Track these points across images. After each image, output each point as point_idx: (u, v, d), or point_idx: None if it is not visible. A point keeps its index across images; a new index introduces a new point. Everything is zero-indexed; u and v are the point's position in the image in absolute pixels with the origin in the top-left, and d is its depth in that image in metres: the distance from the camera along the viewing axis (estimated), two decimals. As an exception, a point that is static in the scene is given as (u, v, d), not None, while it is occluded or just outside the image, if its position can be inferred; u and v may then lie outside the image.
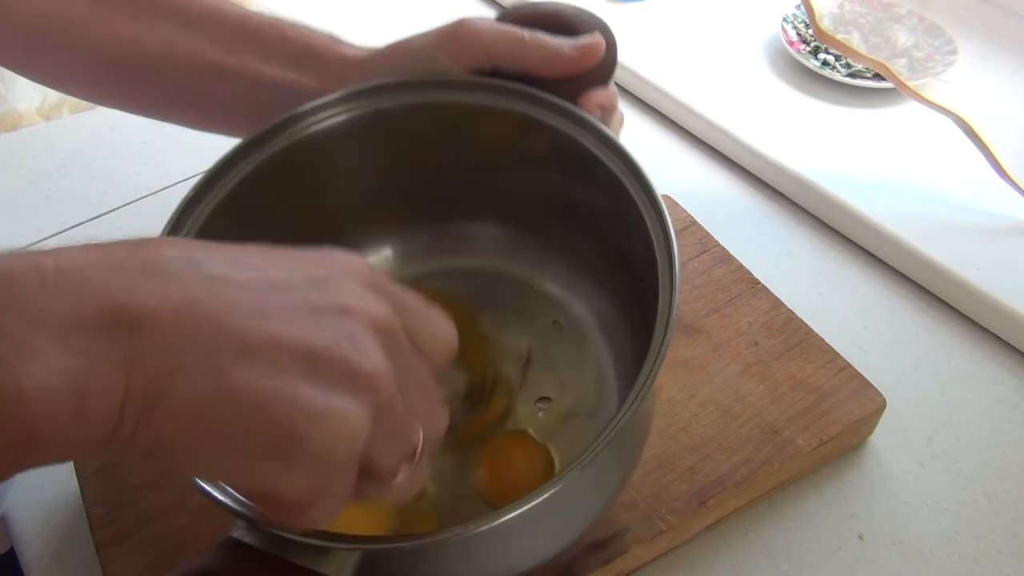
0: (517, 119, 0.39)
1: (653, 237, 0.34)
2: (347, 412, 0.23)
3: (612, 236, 0.39)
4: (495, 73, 0.39)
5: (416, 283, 0.39)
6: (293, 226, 0.37)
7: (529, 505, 0.28)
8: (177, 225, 0.35)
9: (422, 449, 0.26)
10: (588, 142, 0.38)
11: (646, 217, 0.35)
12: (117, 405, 0.22)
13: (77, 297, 0.22)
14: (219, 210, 0.36)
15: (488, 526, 0.27)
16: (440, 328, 0.28)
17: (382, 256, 0.46)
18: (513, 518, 0.28)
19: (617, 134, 0.40)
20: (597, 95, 0.39)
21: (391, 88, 0.39)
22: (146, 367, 0.22)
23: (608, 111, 0.39)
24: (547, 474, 0.40)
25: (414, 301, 0.27)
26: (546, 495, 0.28)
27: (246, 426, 0.22)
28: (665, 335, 0.31)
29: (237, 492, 0.28)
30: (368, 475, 0.25)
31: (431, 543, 0.29)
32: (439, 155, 0.42)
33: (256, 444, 0.23)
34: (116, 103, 0.46)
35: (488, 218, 0.46)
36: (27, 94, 0.69)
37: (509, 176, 0.43)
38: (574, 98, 0.38)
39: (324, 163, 0.40)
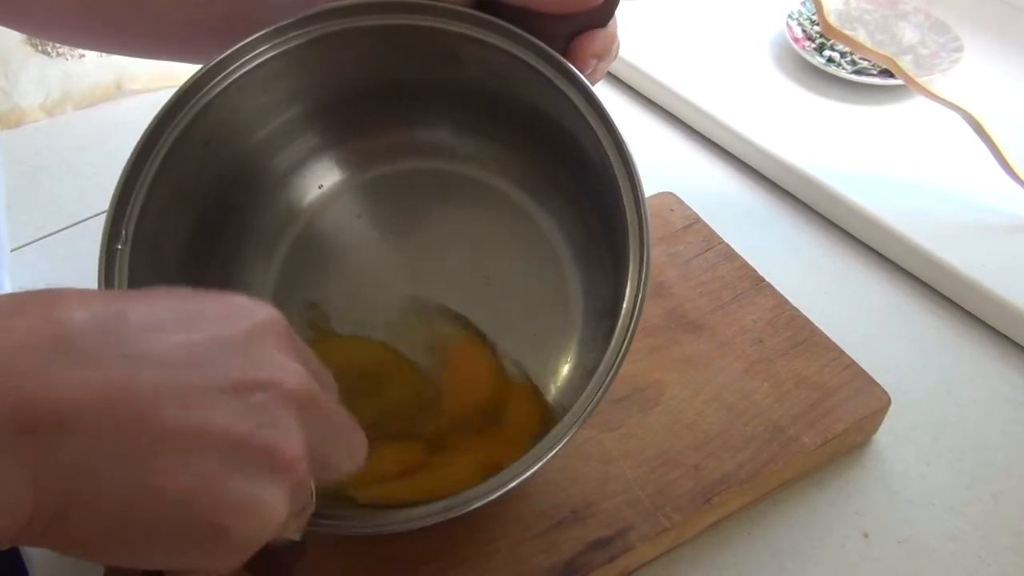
0: (497, 54, 0.37)
1: (626, 205, 0.35)
2: (271, 501, 0.23)
3: (587, 183, 0.39)
4: (488, 2, 0.37)
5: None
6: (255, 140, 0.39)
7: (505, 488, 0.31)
8: (140, 157, 0.35)
9: (312, 498, 0.26)
10: (572, 95, 0.36)
11: (619, 179, 0.35)
12: (26, 516, 0.20)
13: None
14: (183, 137, 0.36)
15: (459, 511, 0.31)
16: (325, 370, 0.28)
17: (333, 162, 0.45)
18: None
19: (606, 68, 0.38)
20: (595, 42, 0.36)
21: (364, 9, 0.38)
22: (60, 471, 0.20)
23: (603, 58, 0.37)
24: None
25: (304, 346, 0.27)
26: (518, 480, 0.31)
27: (169, 524, 0.22)
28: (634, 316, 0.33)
29: None
30: None
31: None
32: (399, 73, 0.41)
33: (179, 539, 0.22)
34: (104, 45, 0.45)
35: (454, 129, 0.44)
36: (30, 90, 0.69)
37: (484, 100, 0.42)
38: (570, 38, 0.37)
39: (290, 80, 0.39)
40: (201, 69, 0.36)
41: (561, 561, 0.39)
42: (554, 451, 0.32)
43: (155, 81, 0.71)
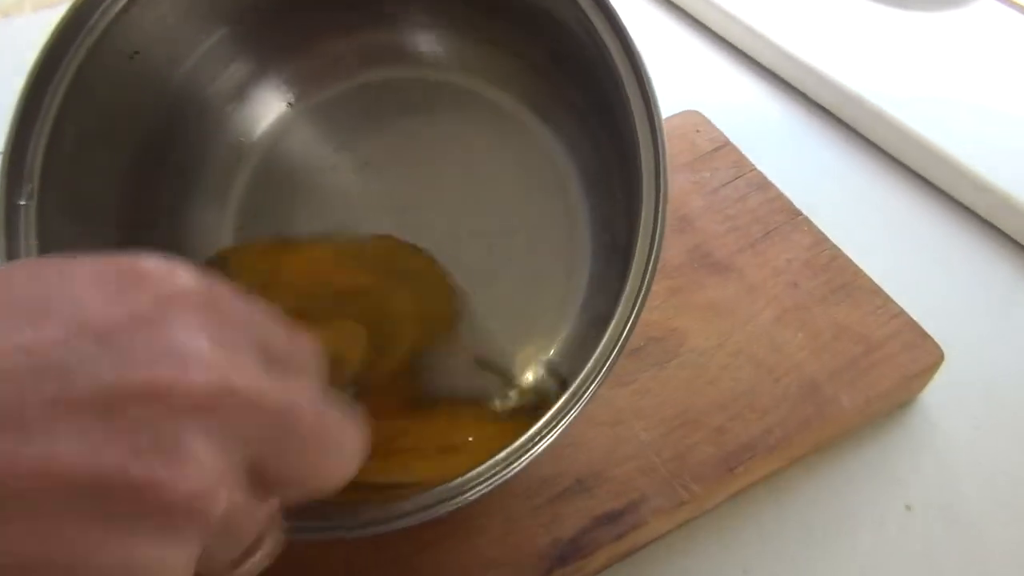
0: None
1: (637, 122, 0.29)
2: (159, 561, 0.17)
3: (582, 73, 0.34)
4: None
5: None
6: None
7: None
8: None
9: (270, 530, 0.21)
10: None
11: (630, 92, 0.29)
12: None
13: None
14: (100, 46, 0.30)
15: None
16: (299, 341, 0.22)
17: (294, 74, 0.39)
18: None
19: None
20: None
21: None
22: None
23: None
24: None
25: (260, 315, 0.21)
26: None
27: None
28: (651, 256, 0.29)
29: None
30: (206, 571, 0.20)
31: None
32: None
33: None
34: None
35: (438, 31, 0.38)
36: (-16, -11, 0.63)
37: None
38: None
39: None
40: None
41: (563, 538, 0.34)
42: (554, 435, 0.27)
43: (120, -22, 0.64)
